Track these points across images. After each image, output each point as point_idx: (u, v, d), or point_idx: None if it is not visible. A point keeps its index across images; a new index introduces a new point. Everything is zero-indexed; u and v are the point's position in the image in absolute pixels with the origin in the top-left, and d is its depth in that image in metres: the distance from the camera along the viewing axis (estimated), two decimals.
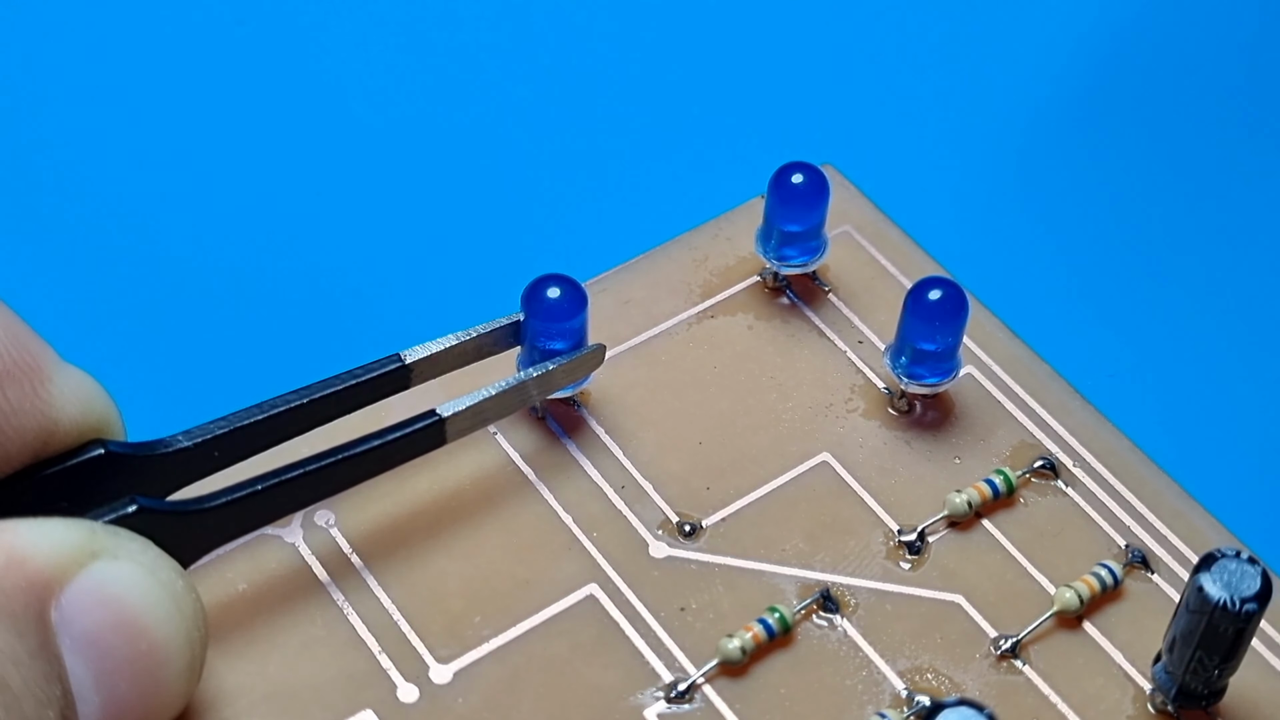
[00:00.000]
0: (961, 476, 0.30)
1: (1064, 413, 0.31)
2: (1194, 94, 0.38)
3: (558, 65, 0.38)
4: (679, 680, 0.28)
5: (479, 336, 0.28)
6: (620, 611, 0.29)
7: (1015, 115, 0.38)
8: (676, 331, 0.32)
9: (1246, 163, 0.37)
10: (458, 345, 0.28)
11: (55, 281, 0.34)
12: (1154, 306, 0.34)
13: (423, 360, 0.28)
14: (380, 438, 0.27)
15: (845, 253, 0.34)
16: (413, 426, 0.27)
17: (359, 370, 0.27)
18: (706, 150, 0.37)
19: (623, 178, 0.36)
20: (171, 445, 0.26)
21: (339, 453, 0.27)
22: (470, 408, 0.28)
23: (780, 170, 0.32)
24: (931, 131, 0.38)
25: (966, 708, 0.24)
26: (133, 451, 0.25)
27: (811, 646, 0.28)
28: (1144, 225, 0.36)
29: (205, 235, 0.35)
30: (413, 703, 0.27)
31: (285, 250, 0.35)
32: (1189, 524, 0.30)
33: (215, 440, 0.26)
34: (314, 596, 0.28)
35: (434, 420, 0.27)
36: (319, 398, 0.27)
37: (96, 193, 0.36)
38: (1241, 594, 0.26)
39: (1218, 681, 0.27)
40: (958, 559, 0.29)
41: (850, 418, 0.31)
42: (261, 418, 0.27)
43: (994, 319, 0.33)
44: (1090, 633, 0.29)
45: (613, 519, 0.30)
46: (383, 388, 0.28)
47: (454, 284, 0.35)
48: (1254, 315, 0.35)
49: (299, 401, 0.27)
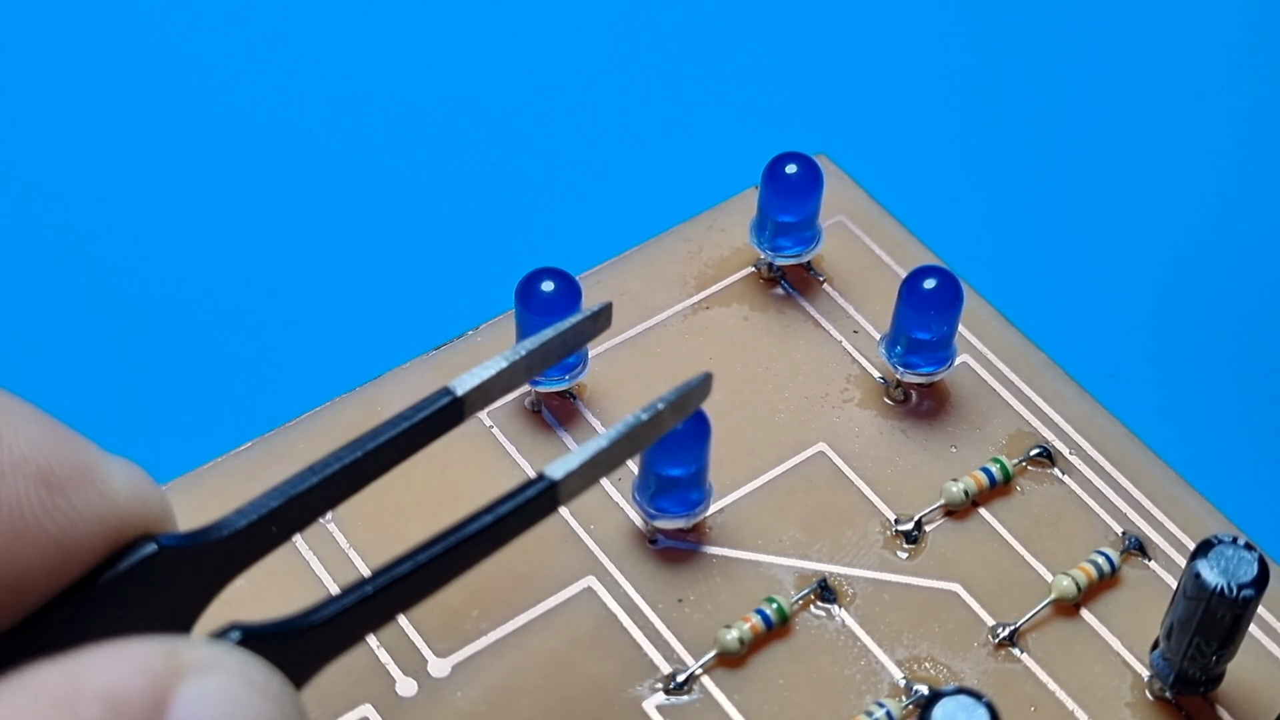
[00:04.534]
0: (958, 465, 0.30)
1: (1060, 401, 0.31)
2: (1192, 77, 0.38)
3: (547, 59, 0.38)
4: (677, 672, 0.28)
5: (528, 355, 0.26)
6: (618, 604, 0.29)
7: (1008, 104, 0.38)
8: (671, 323, 0.32)
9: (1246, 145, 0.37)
10: (508, 368, 0.26)
11: (24, 305, 0.34)
12: (1150, 294, 0.34)
13: (474, 391, 0.25)
14: (490, 513, 0.24)
15: (839, 243, 0.34)
16: (522, 496, 0.24)
17: (408, 412, 0.25)
18: (698, 142, 0.37)
19: (615, 171, 0.36)
20: (225, 528, 0.24)
21: (447, 538, 0.24)
22: (582, 466, 0.24)
23: (774, 161, 0.31)
24: (924, 122, 0.38)
25: (965, 696, 0.24)
26: (187, 543, 0.23)
27: (809, 637, 0.28)
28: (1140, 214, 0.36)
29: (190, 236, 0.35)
30: (411, 697, 0.27)
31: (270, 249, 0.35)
32: (1185, 511, 0.30)
33: (271, 515, 0.24)
34: (312, 592, 0.28)
35: (545, 485, 0.24)
36: (372, 450, 0.24)
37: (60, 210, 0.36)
38: (1239, 580, 0.26)
39: (1215, 668, 0.27)
40: (955, 548, 0.29)
41: (846, 408, 0.31)
42: (316, 481, 0.24)
43: (989, 307, 0.33)
44: (1088, 620, 0.29)
45: (609, 511, 0.30)
46: (437, 426, 0.25)
47: (446, 280, 0.35)
48: (1250, 301, 0.35)
49: (351, 458, 0.24)
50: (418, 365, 0.31)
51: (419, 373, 0.31)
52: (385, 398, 0.31)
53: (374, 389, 0.31)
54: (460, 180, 0.36)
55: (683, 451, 0.28)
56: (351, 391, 0.31)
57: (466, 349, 0.32)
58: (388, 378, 0.31)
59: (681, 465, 0.28)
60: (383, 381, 0.31)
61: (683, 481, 0.28)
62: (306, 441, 0.30)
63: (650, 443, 0.25)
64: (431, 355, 0.32)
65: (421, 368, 0.31)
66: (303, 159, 0.36)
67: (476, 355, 0.32)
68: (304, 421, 0.31)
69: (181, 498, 0.29)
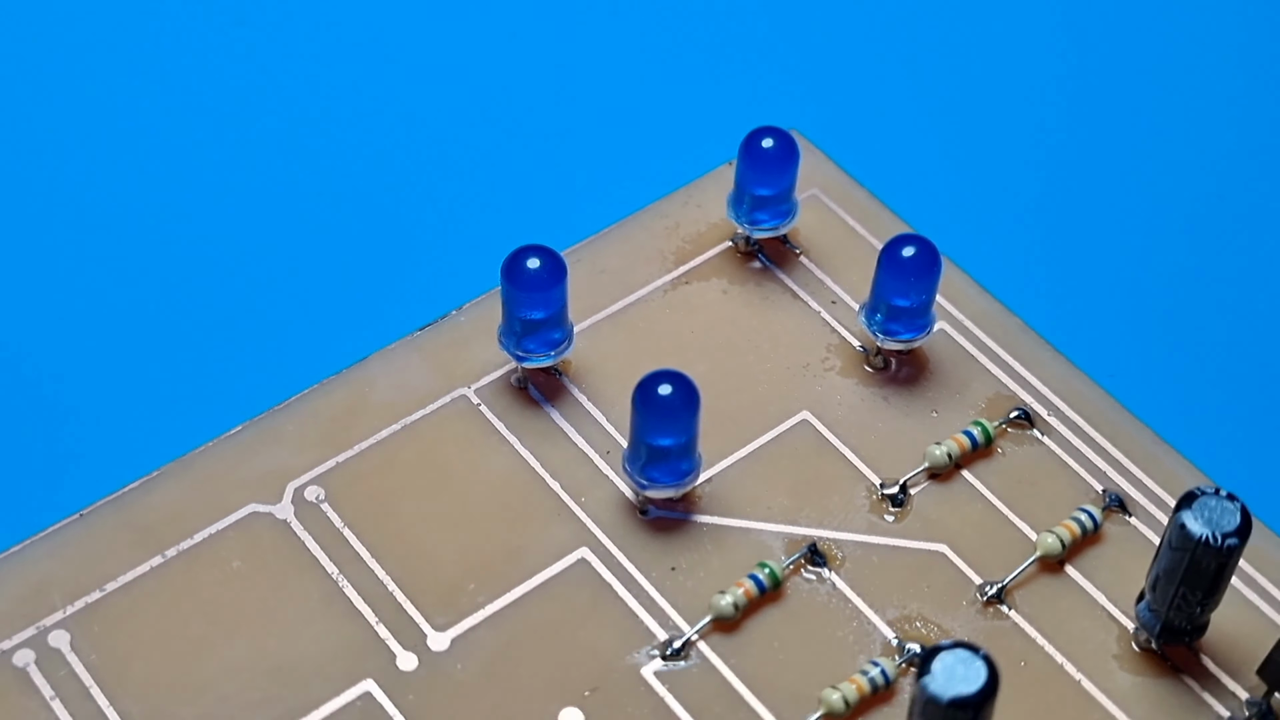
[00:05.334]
0: (939, 429, 0.31)
1: (1036, 364, 0.32)
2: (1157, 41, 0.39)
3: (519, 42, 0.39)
4: (674, 638, 0.28)
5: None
6: (612, 574, 0.29)
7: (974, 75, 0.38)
8: (652, 299, 0.33)
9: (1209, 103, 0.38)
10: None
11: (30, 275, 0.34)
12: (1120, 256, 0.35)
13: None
14: None
15: (814, 216, 0.34)
16: None
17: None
18: (668, 121, 0.37)
19: (587, 151, 0.37)
20: None
21: None
22: None
23: (750, 135, 0.32)
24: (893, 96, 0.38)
25: (962, 650, 0.24)
26: None
27: (802, 600, 0.29)
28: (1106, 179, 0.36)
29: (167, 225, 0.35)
30: (412, 670, 0.28)
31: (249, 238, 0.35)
32: (1163, 467, 0.31)
33: None
34: (308, 571, 0.29)
35: None
36: None
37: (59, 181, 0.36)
38: (1222, 529, 0.26)
39: (1200, 617, 0.28)
40: (940, 509, 0.30)
41: (828, 376, 0.32)
42: None
43: (964, 275, 0.33)
44: (1073, 576, 0.29)
45: (599, 483, 0.30)
46: None
47: (422, 262, 0.35)
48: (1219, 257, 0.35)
49: None
50: (402, 347, 0.32)
51: (404, 354, 0.32)
52: (371, 379, 0.31)
53: (360, 370, 0.31)
54: (432, 163, 0.37)
55: (673, 421, 0.28)
56: (338, 374, 0.31)
57: (450, 329, 0.32)
58: (373, 359, 0.31)
59: (672, 435, 0.29)
60: (368, 364, 0.31)
61: (673, 451, 0.29)
62: (295, 424, 0.30)
63: None
64: (415, 336, 0.32)
65: (406, 349, 0.32)
66: (277, 147, 0.37)
67: (459, 335, 0.32)
68: (292, 404, 0.31)
69: (173, 483, 0.30)
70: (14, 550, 0.29)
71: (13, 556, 0.29)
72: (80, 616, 0.28)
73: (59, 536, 0.29)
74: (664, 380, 0.28)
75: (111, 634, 0.28)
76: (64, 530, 0.29)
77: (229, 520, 0.29)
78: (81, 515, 0.29)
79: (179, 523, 0.29)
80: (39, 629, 0.28)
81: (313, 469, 0.30)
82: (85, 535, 0.29)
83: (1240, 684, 0.28)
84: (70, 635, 0.28)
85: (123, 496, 0.29)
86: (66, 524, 0.29)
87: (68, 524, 0.29)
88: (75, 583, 0.28)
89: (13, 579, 0.28)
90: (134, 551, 0.29)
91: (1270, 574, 0.29)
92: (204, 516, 0.29)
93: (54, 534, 0.29)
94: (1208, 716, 0.28)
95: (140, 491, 0.30)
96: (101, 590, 0.28)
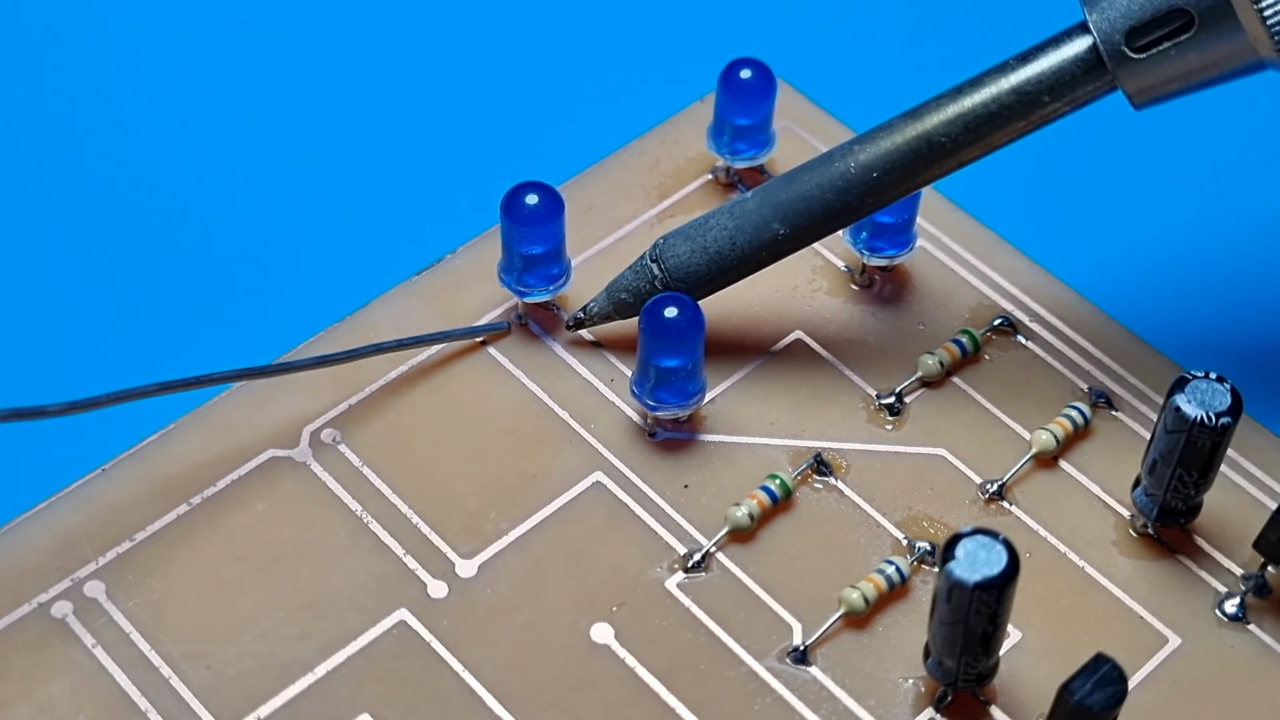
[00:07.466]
0: (926, 340, 0.32)
1: (1014, 274, 0.33)
2: None
3: None
4: (693, 551, 0.29)
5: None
6: (627, 494, 0.30)
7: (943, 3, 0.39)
8: (640, 233, 0.34)
9: None
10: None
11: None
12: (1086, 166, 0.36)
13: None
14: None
15: (789, 146, 0.35)
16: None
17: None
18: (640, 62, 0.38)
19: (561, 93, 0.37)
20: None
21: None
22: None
23: (729, 66, 0.33)
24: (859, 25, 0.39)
25: (982, 535, 0.26)
26: None
27: (812, 508, 0.30)
28: None
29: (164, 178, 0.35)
30: (444, 598, 0.28)
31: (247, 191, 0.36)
32: (1143, 363, 0.32)
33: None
34: (333, 510, 0.29)
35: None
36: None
37: None
38: (1215, 409, 0.27)
39: (1195, 498, 0.29)
40: (936, 416, 0.31)
41: (816, 296, 0.33)
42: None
43: (938, 195, 0.34)
44: (1067, 470, 0.31)
45: (606, 410, 0.31)
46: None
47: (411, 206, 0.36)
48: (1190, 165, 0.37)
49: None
50: (402, 291, 0.32)
51: (404, 298, 0.32)
52: (375, 323, 0.32)
53: (364, 316, 0.32)
54: (412, 107, 0.37)
55: (681, 343, 0.29)
56: (342, 320, 0.32)
57: (447, 272, 0.33)
58: (375, 305, 0.32)
59: (679, 356, 0.30)
60: (371, 309, 0.32)
61: (680, 372, 0.30)
62: (307, 371, 0.31)
63: None
64: (414, 280, 0.33)
65: (406, 293, 0.32)
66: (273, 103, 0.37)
67: (457, 278, 0.33)
68: (300, 351, 0.31)
69: (190, 434, 0.30)
70: (41, 506, 0.29)
71: (41, 513, 0.29)
72: (113, 566, 0.29)
73: (84, 491, 0.29)
74: (670, 304, 0.29)
75: (145, 581, 0.28)
76: (88, 485, 0.30)
77: (249, 466, 0.30)
78: (104, 470, 0.30)
79: (200, 472, 0.30)
80: (74, 580, 0.28)
81: (326, 413, 0.31)
82: (110, 488, 0.30)
83: (1234, 561, 0.29)
84: (105, 585, 0.28)
85: (142, 450, 0.30)
86: (90, 479, 0.30)
87: (91, 479, 0.30)
88: (105, 535, 0.29)
89: (43, 534, 0.29)
90: (158, 501, 0.29)
91: (1253, 457, 0.31)
92: (224, 464, 0.30)
93: (79, 489, 0.29)
94: (1206, 592, 0.29)
95: (159, 444, 0.30)
96: (131, 540, 0.29)
